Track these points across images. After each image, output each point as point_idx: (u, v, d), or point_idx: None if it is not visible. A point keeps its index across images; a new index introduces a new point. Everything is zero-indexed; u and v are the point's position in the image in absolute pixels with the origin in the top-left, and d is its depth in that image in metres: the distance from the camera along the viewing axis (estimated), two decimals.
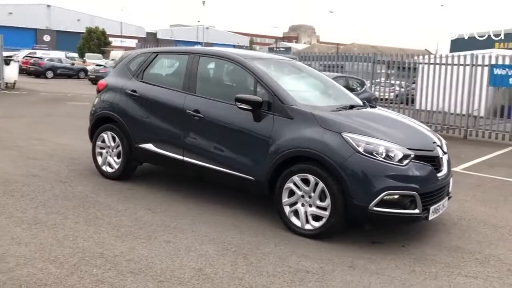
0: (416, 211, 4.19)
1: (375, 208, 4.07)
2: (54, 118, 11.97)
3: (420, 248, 4.33)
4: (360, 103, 5.35)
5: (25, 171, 6.14)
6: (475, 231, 4.86)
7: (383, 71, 15.90)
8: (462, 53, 13.45)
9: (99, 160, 6.05)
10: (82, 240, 4.02)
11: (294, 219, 4.47)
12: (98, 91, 6.19)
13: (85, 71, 33.48)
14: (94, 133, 6.13)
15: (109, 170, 5.95)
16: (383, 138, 4.27)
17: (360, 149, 4.14)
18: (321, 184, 4.25)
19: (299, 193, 4.40)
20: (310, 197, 4.35)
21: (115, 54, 37.50)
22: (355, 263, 3.90)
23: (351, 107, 5.01)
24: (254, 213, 4.98)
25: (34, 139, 8.43)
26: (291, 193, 4.47)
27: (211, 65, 5.46)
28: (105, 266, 3.55)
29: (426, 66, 13.99)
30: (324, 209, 4.27)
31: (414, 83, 14.84)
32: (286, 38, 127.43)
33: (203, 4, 66.26)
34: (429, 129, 5.17)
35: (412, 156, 4.22)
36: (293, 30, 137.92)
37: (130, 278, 3.38)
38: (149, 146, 5.51)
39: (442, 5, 72.49)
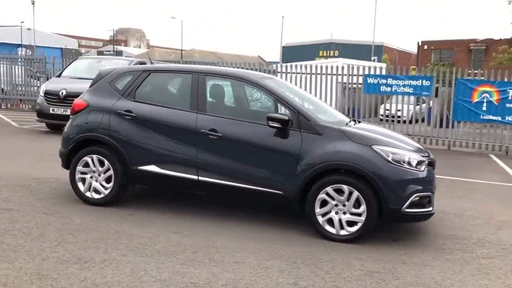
0: (430, 208, 4.95)
1: (406, 210, 4.72)
2: None
3: (430, 240, 5.10)
4: (347, 118, 5.94)
5: None
6: (450, 221, 5.84)
7: None
8: (328, 63, 15.10)
9: (81, 186, 5.61)
10: (156, 271, 3.87)
11: (328, 227, 4.87)
12: (74, 112, 5.72)
13: None
14: (70, 158, 5.65)
15: (96, 196, 5.57)
16: (403, 147, 4.94)
17: (390, 159, 4.74)
18: (355, 193, 4.74)
19: (333, 202, 4.82)
20: (344, 205, 4.80)
21: None
22: (403, 259, 4.48)
23: (354, 121, 5.58)
24: (278, 225, 5.24)
25: None
26: (323, 203, 4.87)
27: (221, 85, 5.53)
28: None
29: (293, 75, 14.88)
30: (359, 215, 4.77)
31: None
32: (114, 41, 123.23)
33: (33, 3, 60.26)
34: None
35: (426, 162, 4.97)
36: (120, 33, 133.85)
37: None
38: (152, 168, 5.34)
39: (283, 16, 77.88)
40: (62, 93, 11.40)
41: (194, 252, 4.35)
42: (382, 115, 14.82)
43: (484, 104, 12.71)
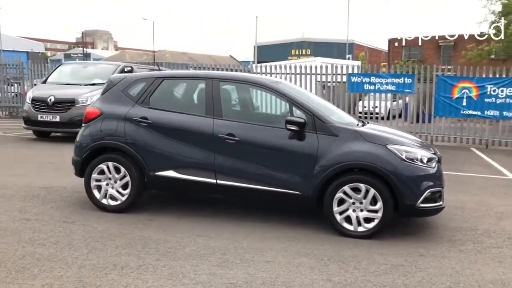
0: (441, 203, 5.21)
1: (421, 205, 4.97)
2: None
3: (440, 233, 5.37)
4: (355, 119, 6.15)
5: (11, 216, 5.39)
6: (453, 214, 6.14)
7: None
8: (311, 62, 15.38)
9: (97, 194, 5.66)
10: (193, 274, 3.99)
11: (346, 225, 5.08)
12: (87, 120, 5.76)
13: None
14: (85, 166, 5.70)
15: (112, 203, 5.63)
16: (414, 145, 5.20)
17: (404, 157, 4.97)
18: (372, 191, 4.96)
19: (350, 200, 5.03)
20: (361, 203, 5.01)
21: None
22: (421, 252, 4.72)
23: (362, 122, 5.80)
24: (295, 224, 5.41)
25: None
26: (341, 201, 5.07)
27: (236, 90, 5.66)
28: None
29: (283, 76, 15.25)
30: (375, 211, 4.99)
31: None
32: (80, 43, 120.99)
33: None
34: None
35: (436, 158, 5.23)
36: (87, 35, 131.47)
37: None
38: (170, 173, 5.44)
39: (257, 17, 78.02)
40: (50, 99, 11.29)
41: (223, 253, 4.49)
42: (360, 112, 15.20)
43: (464, 100, 13.22)
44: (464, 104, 13.22)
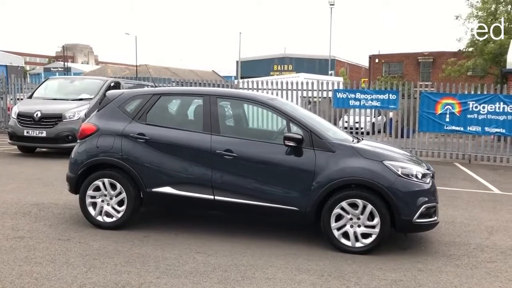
0: (435, 218, 5.30)
1: (417, 220, 5.04)
2: None
3: (434, 248, 5.44)
4: (350, 136, 6.23)
5: (4, 234, 5.29)
6: (446, 229, 6.23)
7: None
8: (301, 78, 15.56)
9: (92, 211, 5.60)
10: None
11: (343, 240, 5.12)
12: (83, 136, 5.72)
13: None
14: (79, 182, 5.64)
15: (108, 220, 5.58)
16: (409, 161, 5.29)
17: (400, 173, 5.06)
18: (369, 206, 5.02)
19: (348, 216, 5.08)
20: (358, 218, 5.07)
21: None
22: (419, 267, 4.78)
23: (357, 139, 5.88)
24: (291, 240, 5.43)
25: None
26: (338, 217, 5.12)
27: (233, 106, 5.70)
28: None
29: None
30: (373, 227, 5.05)
31: None
32: (60, 57, 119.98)
33: None
34: None
35: (430, 174, 5.33)
36: (67, 49, 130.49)
37: None
38: (167, 190, 5.42)
39: (240, 32, 78.49)
40: (36, 114, 11.16)
41: (225, 271, 4.47)
42: (340, 127, 15.33)
43: (447, 116, 13.48)
44: (447, 120, 13.47)
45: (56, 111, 11.22)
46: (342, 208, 5.08)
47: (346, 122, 15.12)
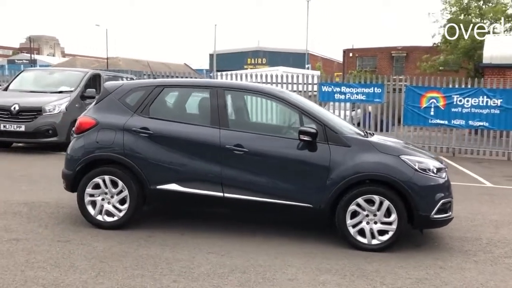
0: (450, 213, 5.19)
1: (434, 216, 4.92)
2: None
3: (448, 243, 5.34)
4: (360, 130, 6.04)
5: None
6: (453, 224, 6.15)
7: None
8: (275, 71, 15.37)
9: (91, 210, 5.26)
10: None
11: (359, 238, 4.95)
12: (81, 131, 5.36)
13: None
14: (77, 180, 5.29)
15: (109, 219, 5.25)
16: (425, 156, 5.15)
17: (417, 168, 4.91)
18: (386, 202, 4.86)
19: (364, 213, 4.92)
20: (375, 215, 4.91)
21: None
22: (439, 264, 4.66)
23: (367, 133, 5.71)
24: (302, 238, 5.23)
25: None
26: (354, 214, 4.94)
27: (242, 99, 5.45)
28: None
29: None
30: (389, 223, 4.90)
31: None
32: (25, 49, 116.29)
33: None
34: None
35: (445, 168, 5.21)
36: (33, 41, 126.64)
37: None
38: (173, 187, 5.13)
39: (215, 25, 77.01)
40: (14, 108, 10.57)
41: (243, 272, 4.24)
42: None
43: (432, 109, 13.53)
44: (432, 113, 13.53)
45: (35, 104, 10.67)
46: (358, 205, 4.91)
47: None
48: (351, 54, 42.29)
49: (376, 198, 4.88)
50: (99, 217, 5.26)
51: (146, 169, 5.15)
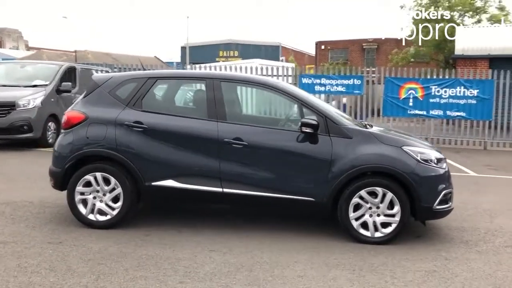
0: (450, 204, 5.16)
1: (437, 207, 4.88)
2: None
3: (448, 234, 5.32)
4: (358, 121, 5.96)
5: None
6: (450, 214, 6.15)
7: None
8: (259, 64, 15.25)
9: (82, 209, 5.01)
10: None
11: (362, 231, 4.86)
12: (69, 126, 5.07)
13: None
14: (67, 177, 5.02)
15: (101, 218, 5.01)
16: (426, 147, 5.10)
17: (419, 159, 4.85)
18: (389, 194, 4.79)
19: (367, 205, 4.83)
20: (378, 207, 4.82)
21: None
22: (443, 255, 4.62)
23: (367, 124, 5.62)
24: (303, 232, 5.11)
25: None
26: (356, 207, 4.85)
27: (239, 91, 5.25)
28: None
29: None
30: (392, 216, 4.82)
31: None
32: None
33: None
34: None
35: (445, 159, 5.17)
36: None
37: None
38: (169, 183, 4.93)
39: (188, 17, 75.78)
40: None
41: (250, 270, 4.09)
42: None
43: (411, 100, 13.64)
44: (411, 104, 13.64)
45: (8, 98, 10.19)
46: (361, 197, 4.82)
47: None
48: (323, 47, 42.41)
49: (379, 190, 4.79)
50: (91, 216, 5.01)
51: (140, 165, 4.93)
